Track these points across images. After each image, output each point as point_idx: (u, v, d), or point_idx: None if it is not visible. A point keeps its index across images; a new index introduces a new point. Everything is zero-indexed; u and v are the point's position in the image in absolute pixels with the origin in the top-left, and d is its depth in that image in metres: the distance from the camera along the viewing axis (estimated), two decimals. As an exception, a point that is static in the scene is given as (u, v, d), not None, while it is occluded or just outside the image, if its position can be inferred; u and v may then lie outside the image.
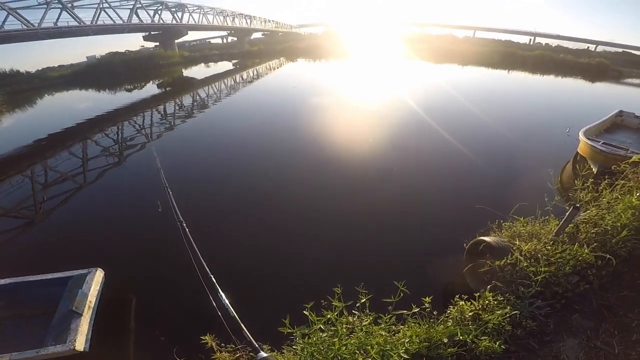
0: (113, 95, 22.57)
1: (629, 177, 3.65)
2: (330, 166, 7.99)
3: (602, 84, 23.11)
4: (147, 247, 5.41)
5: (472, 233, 3.90)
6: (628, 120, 9.35)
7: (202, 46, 52.34)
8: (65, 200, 7.39)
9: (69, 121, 14.62)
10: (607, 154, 6.37)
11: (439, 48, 35.57)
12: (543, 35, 45.97)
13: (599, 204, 3.45)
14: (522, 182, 6.60)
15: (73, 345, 3.18)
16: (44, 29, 25.88)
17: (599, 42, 42.11)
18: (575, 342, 2.13)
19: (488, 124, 11.52)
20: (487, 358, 1.93)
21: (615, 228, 2.90)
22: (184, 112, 16.16)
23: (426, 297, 2.09)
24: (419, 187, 6.97)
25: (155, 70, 31.12)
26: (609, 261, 2.58)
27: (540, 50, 34.19)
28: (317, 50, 39.36)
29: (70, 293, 3.77)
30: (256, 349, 1.50)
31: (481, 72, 26.58)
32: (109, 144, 11.60)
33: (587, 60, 29.57)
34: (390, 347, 1.81)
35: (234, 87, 22.65)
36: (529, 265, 2.65)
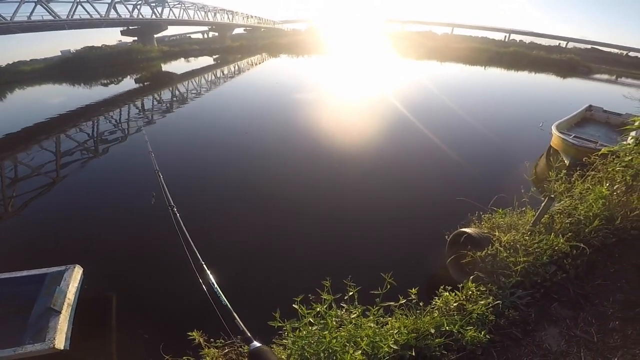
0: (89, 90, 21.74)
1: (598, 169, 3.80)
2: (314, 161, 8.02)
3: (573, 79, 24.13)
4: (130, 241, 5.30)
5: (453, 225, 3.99)
6: (597, 114, 9.82)
7: (182, 41, 50.88)
8: (38, 195, 7.10)
9: (41, 116, 13.99)
10: (578, 147, 6.65)
11: (419, 45, 36.05)
12: (518, 32, 47.26)
13: (571, 195, 3.57)
14: (499, 174, 6.84)
15: (53, 344, 3.08)
16: (17, 22, 24.52)
17: (569, 38, 43.65)
18: (556, 330, 2.19)
19: (466, 119, 11.79)
20: (473, 348, 1.98)
21: (588, 218, 2.99)
22: (163, 106, 15.78)
23: (412, 289, 2.12)
24: (401, 181, 7.08)
25: (133, 65, 30.11)
26: (584, 250, 2.67)
27: (515, 47, 35.17)
28: (300, 46, 39.12)
29: (47, 290, 3.64)
30: (249, 339, 1.43)
31: (459, 68, 27.14)
32: (84, 139, 11.20)
33: (558, 56, 30.68)
34: (380, 339, 1.83)
35: (214, 82, 22.22)
36: (509, 255, 2.72)
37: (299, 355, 1.88)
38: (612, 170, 3.56)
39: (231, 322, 1.71)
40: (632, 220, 3.03)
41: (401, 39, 40.59)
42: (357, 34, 49.77)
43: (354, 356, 1.73)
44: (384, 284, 2.00)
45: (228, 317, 1.73)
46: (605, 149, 3.93)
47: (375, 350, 1.80)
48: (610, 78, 27.08)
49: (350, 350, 1.77)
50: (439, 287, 2.53)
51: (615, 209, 3.11)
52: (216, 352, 2.28)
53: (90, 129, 12.39)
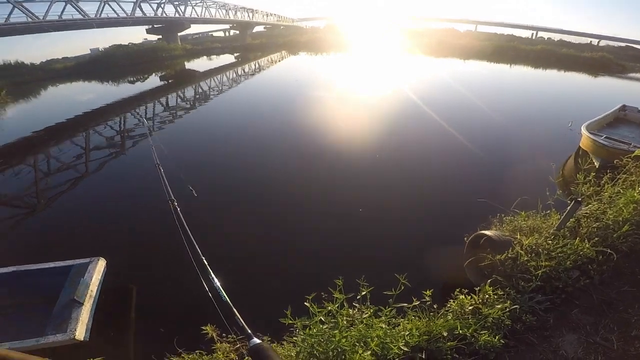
0: (116, 87, 22.50)
1: (631, 172, 3.62)
2: (331, 158, 7.99)
3: (605, 78, 22.92)
4: (148, 235, 5.43)
5: (473, 227, 3.91)
6: (631, 114, 9.29)
7: (205, 39, 51.99)
8: (68, 189, 7.42)
9: (71, 112, 14.61)
10: (609, 148, 6.35)
11: (440, 42, 35.28)
12: (546, 30, 45.48)
13: (600, 198, 3.44)
14: (524, 176, 6.59)
15: (73, 335, 3.17)
16: (49, 21, 25.80)
17: (602, 36, 41.63)
18: (575, 337, 2.12)
19: (490, 118, 11.49)
20: (486, 352, 1.93)
21: (617, 222, 2.89)
22: (186, 103, 16.17)
23: (427, 291, 2.08)
24: (421, 180, 6.98)
25: (158, 63, 30.99)
26: (610, 256, 2.57)
27: (543, 45, 33.80)
28: (319, 43, 39.15)
29: (71, 282, 3.76)
30: (249, 335, 1.42)
31: (482, 66, 26.37)
32: (112, 135, 11.63)
33: (589, 54, 29.24)
34: (390, 340, 1.81)
35: (235, 79, 22.54)
36: (530, 259, 2.64)
37: (307, 353, 1.88)
38: (645, 173, 3.39)
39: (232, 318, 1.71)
40: (665, 227, 2.87)
41: (422, 36, 39.82)
42: (377, 32, 49.23)
43: (363, 356, 1.72)
44: (398, 285, 1.97)
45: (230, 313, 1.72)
46: (640, 150, 3.74)
47: (385, 351, 1.77)
48: (646, 77, 25.57)
49: (360, 350, 1.75)
50: (455, 290, 2.49)
51: (647, 214, 2.96)
52: (228, 346, 2.31)
53: (117, 125, 12.89)
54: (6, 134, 12.22)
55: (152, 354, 2.76)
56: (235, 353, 2.23)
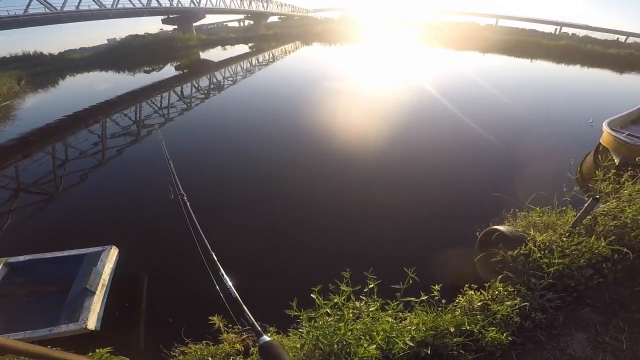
0: (132, 77, 22.82)
1: (652, 170, 3.49)
2: (345, 152, 7.93)
3: (632, 75, 21.97)
4: (160, 227, 5.48)
5: (485, 222, 3.87)
6: (656, 113, 8.91)
7: (220, 29, 52.05)
8: (84, 177, 7.60)
9: (88, 101, 14.90)
10: (631, 146, 6.17)
11: (459, 35, 34.38)
12: (570, 25, 43.54)
13: (619, 196, 3.33)
14: (541, 171, 6.44)
15: (85, 324, 3.21)
16: (66, 12, 26.28)
17: (630, 33, 39.70)
18: (584, 336, 2.08)
19: (510, 112, 11.24)
20: (492, 349, 1.92)
21: (636, 221, 2.80)
22: (201, 93, 16.30)
23: (435, 285, 2.06)
24: (435, 173, 6.90)
25: (173, 53, 31.23)
26: (626, 255, 2.50)
27: (567, 40, 32.54)
28: (333, 34, 38.65)
29: (84, 271, 3.81)
30: (259, 333, 1.41)
31: (502, 60, 25.62)
32: (127, 124, 11.81)
33: (616, 51, 27.96)
34: (396, 334, 1.80)
35: (249, 69, 22.57)
36: (543, 256, 2.58)
37: (312, 345, 1.89)
38: (668, 172, 3.26)
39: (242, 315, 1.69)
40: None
41: (441, 29, 38.87)
42: (393, 24, 48.28)
43: (368, 350, 1.72)
44: (407, 279, 1.96)
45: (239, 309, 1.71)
46: (664, 148, 3.59)
47: (391, 345, 1.77)
48: (676, 75, 24.38)
49: (365, 343, 1.75)
50: (464, 285, 2.46)
51: (667, 214, 2.85)
52: (234, 337, 2.34)
53: (133, 114, 13.10)
54: (25, 122, 12.52)
55: (160, 344, 2.79)
56: (241, 344, 2.25)
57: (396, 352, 1.73)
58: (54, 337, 3.11)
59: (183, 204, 2.58)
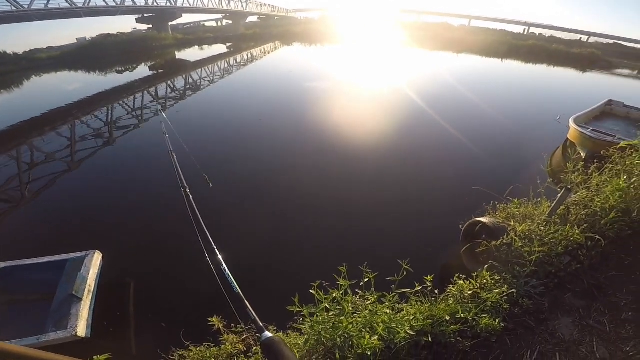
0: (104, 77, 21.98)
1: (616, 162, 3.75)
2: (329, 150, 8.03)
3: (593, 74, 23.37)
4: (144, 226, 5.40)
5: (468, 215, 4.00)
6: (617, 109, 9.58)
7: (196, 29, 50.78)
8: (53, 181, 7.26)
9: (56, 102, 14.24)
10: (595, 140, 6.58)
11: (434, 36, 35.29)
12: (537, 26, 45.61)
13: (588, 187, 3.54)
14: (515, 165, 6.79)
15: (75, 331, 3.11)
16: (35, 10, 24.82)
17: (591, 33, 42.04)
18: (569, 320, 2.20)
19: (483, 110, 11.68)
20: (487, 335, 2.01)
21: (604, 210, 2.96)
22: (176, 93, 15.94)
23: (428, 276, 2.14)
24: (417, 171, 7.11)
25: (148, 53, 30.28)
26: (599, 242, 2.65)
27: (534, 40, 34.13)
28: (313, 34, 38.69)
29: (68, 277, 3.68)
30: (261, 329, 1.40)
31: (475, 60, 26.55)
32: (99, 126, 11.36)
33: (579, 50, 29.69)
34: (396, 325, 1.87)
35: (227, 70, 22.28)
36: (524, 245, 2.72)
37: (315, 340, 1.92)
38: (630, 163, 3.51)
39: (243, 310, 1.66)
40: (648, 213, 2.99)
41: (416, 29, 39.77)
42: (371, 24, 48.95)
43: (370, 341, 1.76)
44: (400, 271, 2.02)
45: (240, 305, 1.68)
46: (625, 142, 3.87)
47: (392, 335, 1.83)
48: (631, 73, 26.11)
49: (367, 335, 1.80)
50: (452, 276, 2.55)
51: (632, 201, 3.06)
52: (235, 337, 2.33)
53: (104, 115, 12.59)
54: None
55: (157, 349, 2.73)
56: (242, 344, 2.25)
57: (398, 341, 1.79)
58: (43, 346, 2.99)
59: (185, 197, 2.53)
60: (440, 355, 1.91)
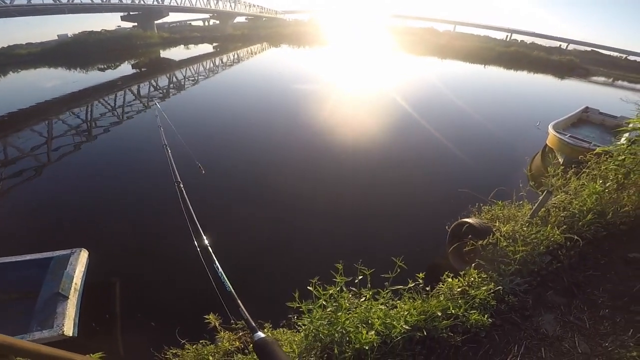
0: (85, 74, 21.36)
1: (592, 167, 3.97)
2: (318, 152, 8.13)
3: (570, 81, 24.35)
4: (131, 224, 5.33)
5: (454, 217, 4.15)
6: (593, 116, 10.02)
7: (183, 28, 49.99)
8: (29, 179, 7.08)
9: (34, 99, 13.81)
10: (572, 146, 6.85)
11: (421, 41, 35.96)
12: (519, 32, 47.11)
13: (567, 190, 3.72)
14: (499, 169, 7.06)
15: (61, 330, 3.04)
16: (17, 6, 23.84)
17: (570, 40, 43.76)
18: (552, 316, 2.31)
19: (467, 115, 12.02)
20: (477, 330, 2.10)
21: (582, 212, 3.12)
22: (159, 92, 15.71)
23: (420, 274, 2.22)
24: (405, 173, 7.26)
25: (132, 51, 29.50)
26: (577, 242, 2.78)
27: (516, 47, 35.24)
28: (302, 37, 38.77)
29: (53, 275, 3.60)
30: (253, 329, 1.38)
31: (459, 66, 27.20)
32: (77, 123, 11.08)
33: (558, 58, 30.84)
34: (391, 320, 1.94)
35: (213, 69, 22.13)
36: (508, 245, 2.85)
37: (313, 336, 1.96)
38: (605, 168, 3.71)
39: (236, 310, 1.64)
40: (622, 216, 3.16)
41: (403, 34, 40.42)
42: (359, 27, 49.51)
43: (367, 336, 1.82)
44: (394, 268, 2.07)
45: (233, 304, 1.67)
46: (601, 148, 4.08)
47: (388, 330, 1.89)
48: (607, 81, 27.36)
49: (364, 331, 1.85)
50: (440, 276, 2.63)
51: (607, 204, 3.24)
52: (231, 335, 2.34)
53: (84, 113, 12.27)
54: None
55: (148, 348, 2.70)
56: (239, 341, 2.27)
57: (394, 336, 1.85)
58: None
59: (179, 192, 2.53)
60: (433, 349, 1.98)
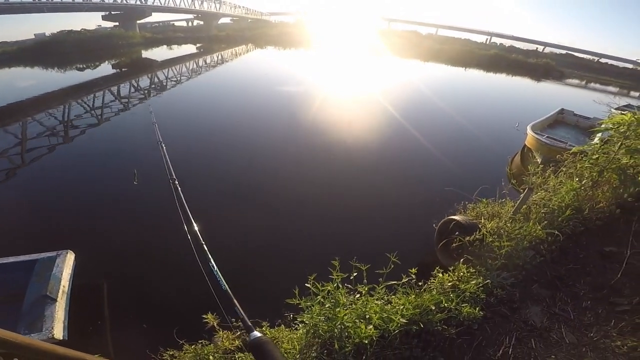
0: (62, 74, 20.69)
1: (569, 166, 4.19)
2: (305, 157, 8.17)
3: (547, 83, 25.37)
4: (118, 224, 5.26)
5: (441, 215, 4.28)
6: (568, 117, 10.49)
7: (166, 28, 49.10)
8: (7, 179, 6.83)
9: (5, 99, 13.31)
10: (550, 146, 7.13)
11: (404, 43, 36.60)
12: (499, 35, 48.63)
13: (546, 188, 3.91)
14: (482, 168, 7.28)
15: (51, 334, 2.96)
16: None
17: (546, 43, 45.50)
18: (539, 308, 2.41)
19: (450, 117, 12.35)
20: (469, 323, 2.17)
21: (561, 208, 3.27)
22: (139, 93, 15.38)
23: (412, 269, 2.28)
24: (392, 174, 7.39)
25: (113, 51, 28.74)
26: (557, 237, 2.92)
27: (496, 50, 36.41)
28: (288, 38, 38.75)
29: (39, 277, 3.51)
30: (249, 328, 1.40)
31: (441, 68, 27.85)
32: (54, 124, 10.70)
33: (535, 60, 32.07)
34: (387, 315, 2.00)
35: (196, 70, 21.90)
36: (494, 240, 2.97)
37: (312, 333, 2.01)
38: (580, 167, 3.91)
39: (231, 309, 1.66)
40: (597, 212, 3.34)
41: (387, 36, 41.03)
42: (344, 29, 49.95)
43: (366, 330, 1.88)
44: (388, 264, 2.14)
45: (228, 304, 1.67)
46: (576, 148, 4.31)
47: (385, 324, 1.96)
48: (580, 83, 28.62)
49: (362, 325, 1.90)
50: (430, 272, 2.69)
51: (584, 201, 3.44)
52: (230, 334, 2.35)
53: (60, 113, 11.85)
54: None
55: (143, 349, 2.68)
56: (238, 339, 2.28)
57: (392, 329, 1.91)
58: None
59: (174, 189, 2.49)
60: (429, 342, 2.05)
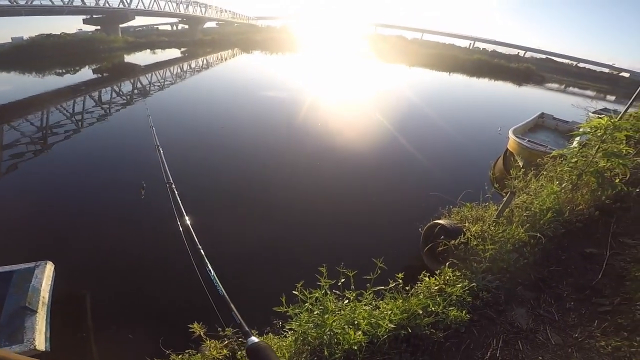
0: (41, 79, 20.09)
1: (549, 169, 4.31)
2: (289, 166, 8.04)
3: (528, 87, 26.16)
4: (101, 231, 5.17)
5: (425, 220, 4.32)
6: (548, 121, 10.80)
7: (149, 32, 48.22)
8: None
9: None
10: (531, 150, 7.29)
11: (390, 48, 37.12)
12: (482, 40, 49.87)
13: (527, 191, 4.01)
14: (465, 172, 7.38)
15: (33, 345, 2.88)
16: None
17: (527, 48, 46.92)
18: (523, 310, 2.45)
19: (433, 122, 12.56)
20: (457, 326, 2.19)
21: (542, 211, 3.34)
22: (122, 98, 15.13)
23: (399, 274, 2.31)
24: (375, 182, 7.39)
25: (94, 55, 28.05)
26: (539, 240, 2.98)
27: (479, 55, 37.34)
28: (275, 43, 38.67)
29: (17, 289, 3.40)
30: (247, 333, 1.38)
31: (426, 73, 28.37)
32: (32, 130, 10.35)
33: (516, 65, 33.03)
34: (375, 320, 2.00)
35: (180, 75, 21.69)
36: (478, 244, 3.02)
37: (302, 340, 2.00)
38: (560, 170, 4.04)
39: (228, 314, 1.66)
40: (577, 214, 3.46)
41: (374, 41, 41.55)
42: (331, 34, 50.35)
43: (355, 336, 1.88)
44: (375, 269, 2.16)
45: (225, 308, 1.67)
46: (556, 151, 4.43)
47: (374, 329, 1.96)
48: (560, 87, 29.62)
49: (351, 331, 1.91)
50: (415, 277, 2.74)
51: (564, 204, 3.55)
52: (217, 343, 2.31)
53: (39, 120, 11.47)
54: None
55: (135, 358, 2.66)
56: (226, 349, 2.24)
57: (381, 335, 1.92)
58: None
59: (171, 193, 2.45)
60: (417, 347, 2.06)
